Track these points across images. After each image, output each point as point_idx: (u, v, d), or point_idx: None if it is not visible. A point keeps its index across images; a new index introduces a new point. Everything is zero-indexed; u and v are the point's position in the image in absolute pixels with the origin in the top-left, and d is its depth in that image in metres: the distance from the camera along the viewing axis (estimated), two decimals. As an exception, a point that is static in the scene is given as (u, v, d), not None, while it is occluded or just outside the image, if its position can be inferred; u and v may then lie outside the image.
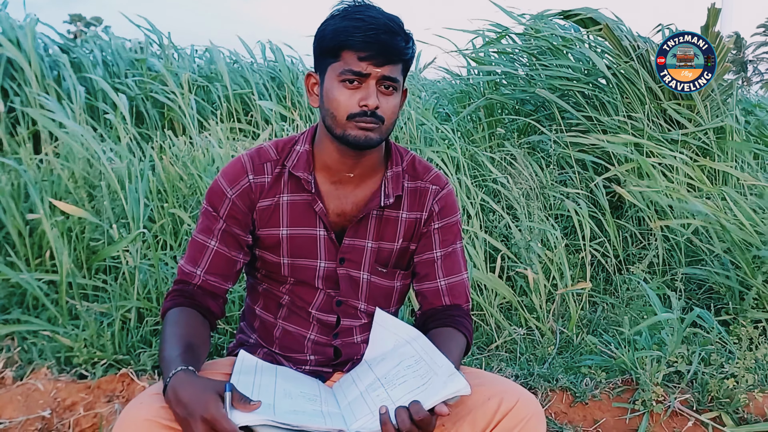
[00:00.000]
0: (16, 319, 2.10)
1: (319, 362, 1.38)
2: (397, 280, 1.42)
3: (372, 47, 1.18)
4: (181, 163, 2.88)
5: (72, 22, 43.64)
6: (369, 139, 1.23)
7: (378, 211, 1.35)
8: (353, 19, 1.20)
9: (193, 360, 1.12)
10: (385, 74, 1.21)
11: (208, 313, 1.30)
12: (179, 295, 1.29)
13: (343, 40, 1.19)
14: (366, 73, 1.20)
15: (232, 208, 1.31)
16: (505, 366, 2.06)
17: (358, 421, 1.09)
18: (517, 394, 1.18)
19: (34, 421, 1.71)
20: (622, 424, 1.85)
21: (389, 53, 1.20)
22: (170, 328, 1.21)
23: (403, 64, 1.25)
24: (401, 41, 1.21)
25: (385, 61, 1.20)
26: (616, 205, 3.26)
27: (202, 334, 1.24)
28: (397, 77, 1.23)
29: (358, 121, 1.22)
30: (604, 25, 3.51)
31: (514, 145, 3.44)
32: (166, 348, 1.15)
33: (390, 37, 1.19)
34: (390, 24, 1.20)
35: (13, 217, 2.41)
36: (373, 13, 1.21)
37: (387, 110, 1.24)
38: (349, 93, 1.21)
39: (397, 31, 1.21)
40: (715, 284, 2.61)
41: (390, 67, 1.21)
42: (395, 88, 1.24)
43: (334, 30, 1.21)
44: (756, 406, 1.89)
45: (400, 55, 1.22)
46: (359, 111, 1.21)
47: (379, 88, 1.22)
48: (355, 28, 1.19)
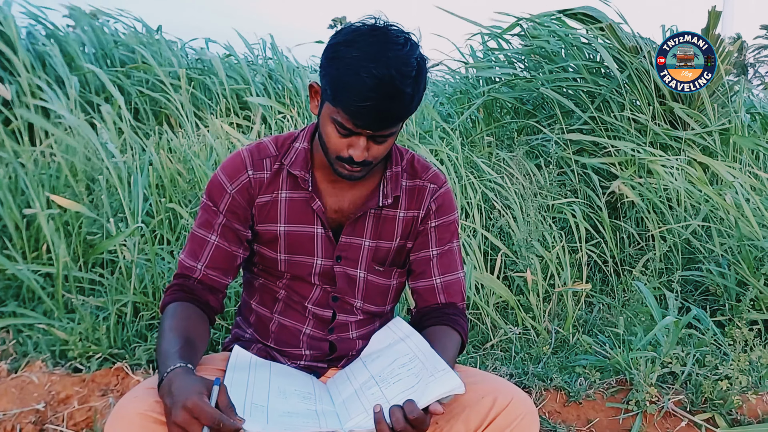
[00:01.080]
0: (12, 312, 2.10)
1: (315, 357, 1.38)
2: (393, 278, 1.42)
3: (365, 118, 1.12)
4: (178, 158, 2.88)
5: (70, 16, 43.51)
6: (353, 177, 1.24)
7: (376, 210, 1.35)
8: (354, 75, 1.09)
9: (191, 356, 1.11)
10: (377, 134, 1.17)
11: (207, 308, 1.30)
12: (179, 289, 1.29)
13: (340, 98, 1.12)
14: (356, 132, 1.16)
15: (231, 202, 1.31)
16: (500, 365, 2.06)
17: (352, 420, 1.09)
18: (511, 393, 1.18)
19: (28, 413, 1.71)
20: (616, 424, 1.85)
21: (383, 122, 1.14)
22: (169, 322, 1.21)
23: (404, 119, 1.19)
24: (402, 104, 1.12)
25: (378, 128, 1.15)
26: (615, 205, 3.26)
27: (200, 330, 1.24)
28: (392, 132, 1.19)
29: (344, 163, 1.20)
30: (607, 25, 3.51)
31: (513, 145, 3.44)
32: (164, 343, 1.14)
33: (387, 104, 1.11)
34: (390, 88, 1.09)
35: (10, 209, 2.41)
36: (378, 69, 1.08)
37: (377, 154, 1.21)
38: (338, 137, 1.18)
39: (398, 95, 1.10)
40: (712, 285, 2.62)
41: (385, 130, 1.17)
42: (392, 135, 1.20)
43: (335, 78, 1.13)
44: (749, 407, 1.90)
45: (397, 120, 1.16)
46: (347, 157, 1.19)
47: (370, 140, 1.18)
48: (352, 92, 1.10)
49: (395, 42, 1.13)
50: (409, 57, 1.12)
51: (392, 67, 1.09)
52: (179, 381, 1.01)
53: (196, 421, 0.95)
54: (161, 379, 1.05)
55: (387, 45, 1.12)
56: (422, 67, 1.16)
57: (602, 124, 3.44)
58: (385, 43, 1.12)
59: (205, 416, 0.94)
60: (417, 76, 1.13)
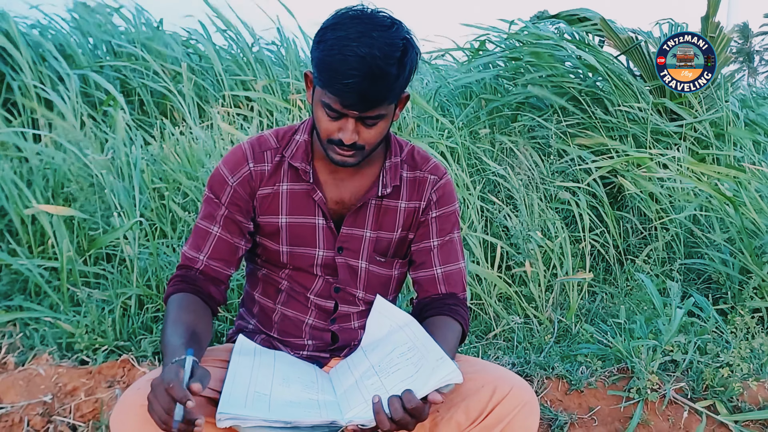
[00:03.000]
0: (18, 306, 2.12)
1: (317, 347, 1.39)
2: (395, 268, 1.43)
3: (350, 98, 1.13)
4: (177, 151, 2.89)
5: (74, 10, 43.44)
6: (346, 163, 1.24)
7: (377, 201, 1.36)
8: (338, 57, 1.11)
9: (196, 348, 1.12)
10: (364, 115, 1.17)
11: (209, 300, 1.31)
12: (182, 280, 1.30)
13: (325, 79, 1.14)
14: (344, 113, 1.17)
15: (233, 195, 1.32)
16: (502, 354, 2.08)
17: (352, 411, 1.10)
18: (511, 382, 1.19)
19: (35, 405, 1.73)
20: (617, 412, 1.87)
21: (369, 102, 1.14)
22: (173, 314, 1.22)
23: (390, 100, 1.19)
24: (387, 84, 1.13)
25: (365, 108, 1.15)
26: (617, 196, 3.26)
27: (204, 321, 1.25)
28: (380, 114, 1.18)
29: (336, 146, 1.21)
30: (600, 20, 3.50)
31: (514, 134, 3.44)
32: (169, 334, 1.15)
33: (372, 84, 1.11)
34: (374, 68, 1.10)
35: (15, 204, 2.43)
36: (361, 49, 1.10)
37: (368, 139, 1.21)
38: (329, 119, 1.19)
39: (382, 75, 1.11)
40: (714, 273, 2.62)
41: (371, 111, 1.16)
42: (381, 118, 1.20)
43: (318, 61, 1.15)
44: (750, 394, 1.91)
45: (383, 99, 1.16)
46: (337, 140, 1.20)
47: (359, 122, 1.19)
48: (336, 72, 1.11)
49: (381, 24, 1.14)
50: (394, 38, 1.13)
51: (376, 47, 1.10)
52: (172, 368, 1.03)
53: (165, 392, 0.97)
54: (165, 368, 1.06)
55: (372, 26, 1.13)
56: (408, 48, 1.16)
57: (598, 120, 3.43)
58: (370, 25, 1.14)
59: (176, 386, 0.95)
60: (402, 57, 1.14)
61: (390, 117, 1.23)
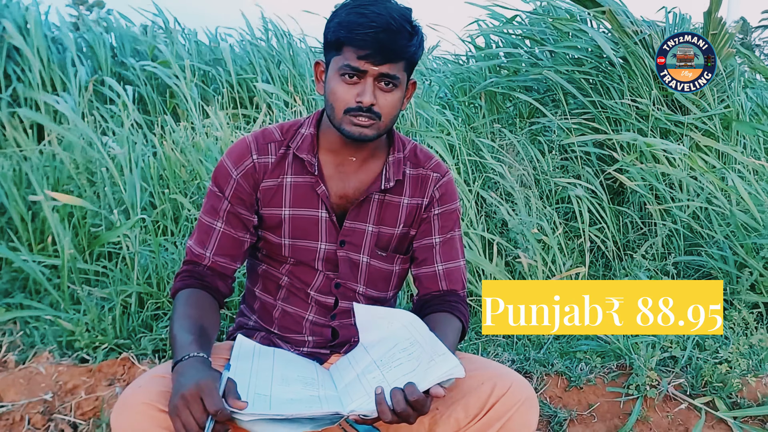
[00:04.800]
0: (19, 304, 2.12)
1: (317, 343, 1.40)
2: (396, 264, 1.44)
3: (369, 46, 1.18)
4: (180, 150, 2.89)
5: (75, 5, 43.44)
6: (363, 135, 1.25)
7: (379, 196, 1.37)
8: (357, 14, 1.20)
9: (206, 346, 1.15)
10: (383, 72, 1.21)
11: (217, 294, 1.33)
12: (189, 275, 1.31)
13: (343, 36, 1.20)
14: (363, 70, 1.21)
15: (237, 188, 1.33)
16: (501, 351, 2.08)
17: (354, 402, 1.11)
18: (510, 379, 1.20)
19: (36, 404, 1.74)
20: (616, 408, 1.88)
21: (387, 53, 1.20)
22: (182, 309, 1.24)
23: (405, 62, 1.25)
24: (403, 39, 1.20)
25: (383, 60, 1.20)
26: (617, 191, 3.26)
27: (212, 317, 1.27)
28: (396, 74, 1.23)
29: (353, 116, 1.23)
30: (608, 9, 3.48)
31: (515, 131, 3.44)
32: (179, 330, 1.17)
33: (389, 35, 1.19)
34: (391, 22, 1.19)
35: (16, 202, 2.44)
36: (378, 9, 1.19)
37: (385, 106, 1.24)
38: (347, 87, 1.22)
39: (398, 30, 1.19)
40: (713, 269, 2.62)
41: (389, 66, 1.21)
42: (395, 85, 1.24)
43: (337, 24, 1.22)
44: (749, 390, 1.91)
45: (399, 54, 1.21)
46: (355, 106, 1.22)
47: (378, 84, 1.23)
48: (356, 24, 1.19)
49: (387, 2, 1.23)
50: (406, 10, 1.23)
51: (392, 9, 1.21)
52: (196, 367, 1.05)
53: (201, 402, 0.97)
54: (176, 362, 1.08)
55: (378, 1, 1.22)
56: (418, 26, 1.25)
57: (603, 110, 3.44)
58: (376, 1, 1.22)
59: (212, 398, 0.97)
60: (415, 26, 1.24)
61: (402, 89, 1.27)
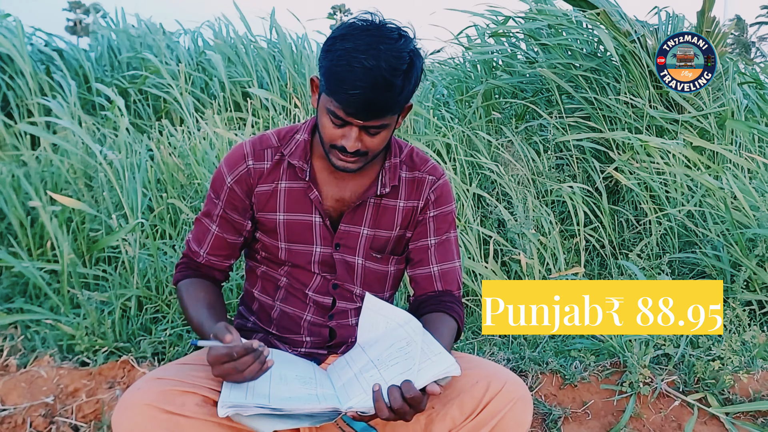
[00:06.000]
0: (19, 308, 2.14)
1: (315, 344, 1.42)
2: (391, 265, 1.46)
3: (354, 106, 1.16)
4: (178, 154, 2.91)
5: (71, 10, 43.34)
6: (348, 169, 1.28)
7: (375, 200, 1.39)
8: (346, 67, 1.14)
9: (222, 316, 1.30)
10: (368, 125, 1.20)
11: (214, 281, 1.45)
12: (187, 267, 1.44)
13: (332, 88, 1.17)
14: (348, 121, 1.20)
15: (230, 194, 1.37)
16: (497, 350, 2.10)
17: (352, 400, 1.13)
18: (504, 378, 1.22)
19: (37, 407, 1.76)
20: (610, 406, 1.90)
21: (374, 111, 1.18)
22: (191, 294, 1.36)
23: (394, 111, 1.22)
24: (391, 96, 1.16)
25: (368, 117, 1.19)
26: (613, 190, 3.28)
27: (216, 296, 1.40)
28: (383, 123, 1.22)
29: (339, 152, 1.24)
30: (602, 11, 3.51)
31: (511, 132, 3.46)
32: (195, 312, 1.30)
33: (377, 94, 1.15)
34: (379, 80, 1.13)
35: (15, 207, 2.45)
36: (368, 61, 1.13)
37: (371, 146, 1.24)
38: (333, 126, 1.22)
39: (387, 86, 1.15)
40: (707, 267, 2.64)
41: (375, 120, 1.20)
42: (384, 127, 1.23)
43: (328, 69, 1.18)
44: (741, 387, 1.93)
45: (387, 110, 1.19)
46: (340, 146, 1.23)
47: (363, 132, 1.22)
48: (342, 81, 1.14)
49: (388, 36, 1.17)
50: (401, 51, 1.16)
51: (383, 59, 1.14)
52: None
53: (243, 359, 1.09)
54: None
55: (380, 39, 1.16)
56: (415, 61, 1.19)
57: (600, 110, 3.46)
58: (378, 37, 1.16)
59: None
60: (408, 70, 1.17)
61: (393, 126, 1.27)
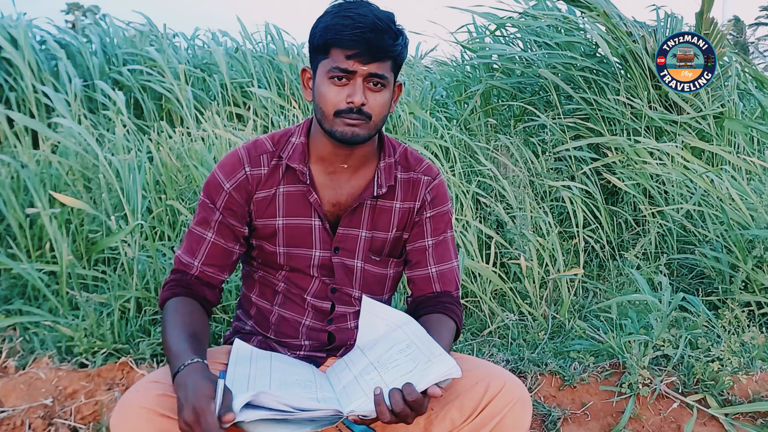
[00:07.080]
0: (18, 310, 2.14)
1: (314, 347, 1.41)
2: (390, 267, 1.46)
3: (358, 45, 1.21)
4: (176, 156, 2.90)
5: (69, 11, 43.35)
6: (355, 135, 1.27)
7: (372, 201, 1.39)
8: (342, 17, 1.22)
9: (200, 351, 1.16)
10: (372, 71, 1.23)
11: (205, 302, 1.34)
12: (176, 285, 1.33)
13: (331, 37, 1.22)
14: (352, 70, 1.23)
15: (229, 200, 1.34)
16: (496, 351, 2.10)
17: (353, 403, 1.12)
18: (504, 379, 1.22)
19: (36, 408, 1.76)
20: (609, 407, 1.90)
21: (375, 51, 1.22)
22: (173, 317, 1.25)
23: (392, 61, 1.27)
24: (389, 39, 1.23)
25: (371, 59, 1.22)
26: (611, 191, 3.29)
27: (203, 324, 1.28)
28: (384, 74, 1.25)
29: (344, 117, 1.25)
30: (602, 12, 3.51)
31: (510, 133, 3.46)
32: (173, 338, 1.18)
33: (376, 35, 1.21)
34: (377, 22, 1.22)
35: (14, 209, 2.45)
36: (362, 11, 1.23)
37: (375, 107, 1.26)
38: (336, 90, 1.24)
39: (385, 29, 1.22)
40: (705, 268, 2.65)
41: (377, 65, 1.24)
42: (384, 85, 1.27)
43: (324, 27, 1.24)
44: (740, 387, 1.94)
45: (386, 53, 1.24)
46: (346, 108, 1.24)
47: (366, 85, 1.25)
48: (342, 26, 1.21)
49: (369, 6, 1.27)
50: (389, 13, 1.26)
51: (376, 12, 1.24)
52: (194, 378, 1.06)
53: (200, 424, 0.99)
54: (176, 372, 1.09)
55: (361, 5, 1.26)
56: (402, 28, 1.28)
57: (599, 111, 3.46)
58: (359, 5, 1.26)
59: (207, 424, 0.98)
60: (399, 28, 1.27)
61: (390, 89, 1.29)
